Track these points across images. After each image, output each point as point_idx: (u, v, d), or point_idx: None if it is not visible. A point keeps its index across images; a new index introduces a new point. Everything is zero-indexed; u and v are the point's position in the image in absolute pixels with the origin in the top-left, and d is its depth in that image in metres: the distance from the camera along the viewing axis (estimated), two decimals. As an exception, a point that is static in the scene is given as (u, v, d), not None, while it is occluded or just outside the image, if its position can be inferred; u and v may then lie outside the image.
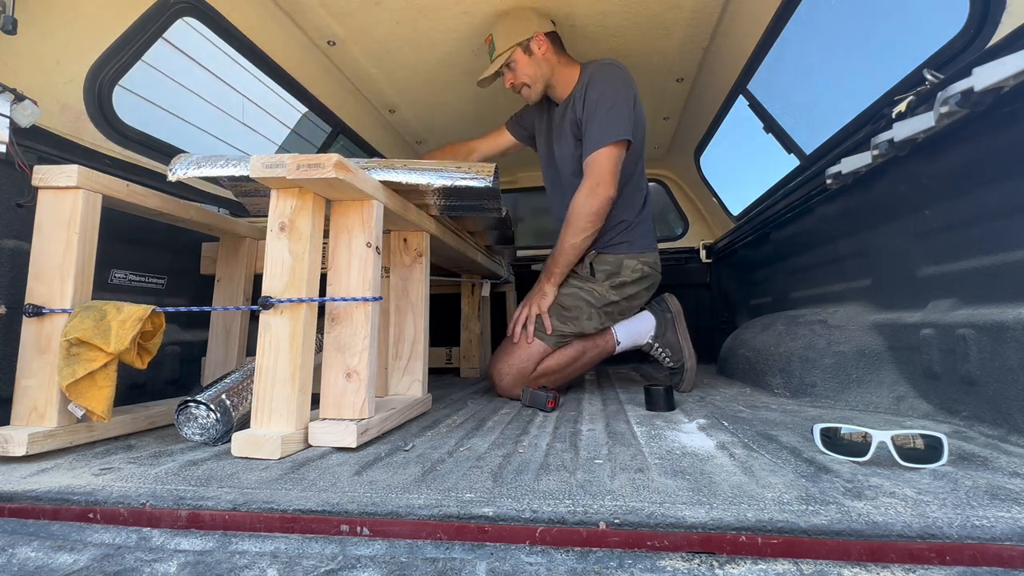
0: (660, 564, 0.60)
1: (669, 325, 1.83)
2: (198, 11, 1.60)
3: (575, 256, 1.72)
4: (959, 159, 1.13)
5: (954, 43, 1.23)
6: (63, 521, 0.75)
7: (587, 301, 1.74)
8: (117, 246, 1.41)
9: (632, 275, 1.79)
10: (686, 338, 1.81)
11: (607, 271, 1.78)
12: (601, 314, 1.76)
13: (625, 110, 1.67)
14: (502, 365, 1.72)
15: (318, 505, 0.72)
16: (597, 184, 1.64)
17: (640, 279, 1.81)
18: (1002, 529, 0.60)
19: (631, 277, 1.78)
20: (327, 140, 2.54)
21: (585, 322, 1.73)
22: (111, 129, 1.49)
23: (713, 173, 2.92)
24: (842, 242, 1.66)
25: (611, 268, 1.78)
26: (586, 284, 1.77)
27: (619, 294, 1.77)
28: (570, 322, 1.72)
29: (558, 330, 1.71)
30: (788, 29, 1.72)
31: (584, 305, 1.73)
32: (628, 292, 1.79)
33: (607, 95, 1.68)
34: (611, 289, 1.77)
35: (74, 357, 1.00)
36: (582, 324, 1.73)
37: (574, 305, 1.73)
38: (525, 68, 1.78)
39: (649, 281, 1.85)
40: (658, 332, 1.83)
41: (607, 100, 1.67)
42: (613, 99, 1.68)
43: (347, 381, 1.10)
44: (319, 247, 1.12)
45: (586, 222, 1.66)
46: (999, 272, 1.04)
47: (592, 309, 1.74)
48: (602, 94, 1.68)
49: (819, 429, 0.91)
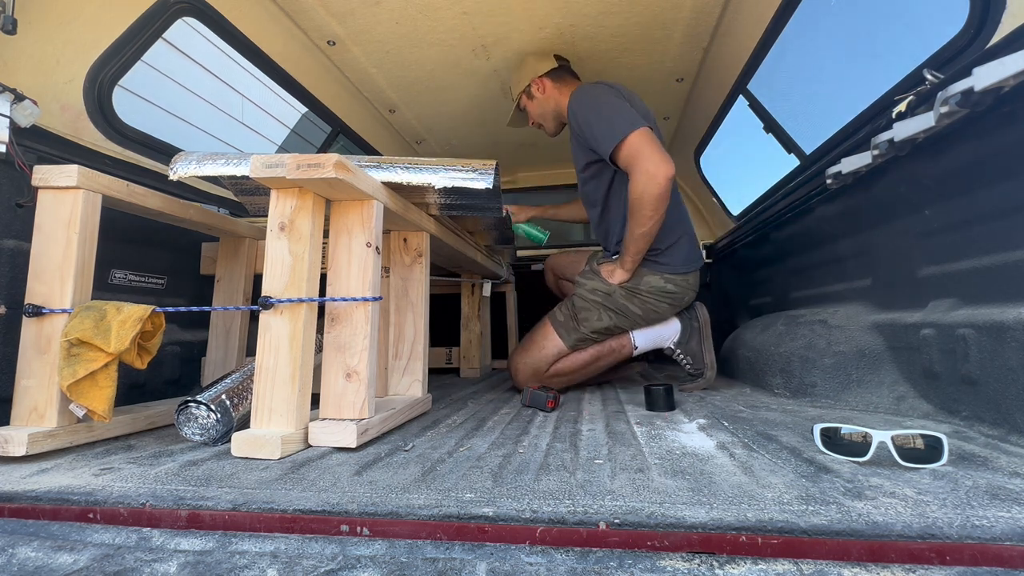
0: (660, 564, 0.60)
1: (695, 334, 1.83)
2: (198, 11, 1.60)
3: (645, 244, 1.69)
4: (959, 159, 1.13)
5: (954, 43, 1.23)
6: (63, 521, 0.75)
7: (594, 301, 1.77)
8: (117, 246, 1.41)
9: (649, 288, 1.76)
10: (710, 350, 1.80)
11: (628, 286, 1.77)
12: (611, 314, 1.77)
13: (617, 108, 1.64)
14: (519, 362, 1.81)
15: (318, 505, 0.72)
16: (647, 167, 1.54)
17: (661, 293, 1.76)
18: (1002, 529, 0.60)
19: (648, 289, 1.76)
20: (327, 140, 2.54)
21: (595, 323, 1.77)
22: (111, 129, 1.49)
23: (713, 173, 2.92)
24: (842, 242, 1.66)
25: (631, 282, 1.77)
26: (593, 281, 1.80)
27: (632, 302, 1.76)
28: (583, 324, 1.77)
29: (573, 332, 1.77)
30: (788, 29, 1.72)
31: (592, 306, 1.77)
32: (650, 304, 1.77)
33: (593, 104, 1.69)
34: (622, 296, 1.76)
35: (74, 357, 1.00)
36: (592, 324, 1.77)
37: (583, 306, 1.78)
38: (533, 111, 1.98)
39: (673, 299, 1.79)
40: (682, 339, 1.83)
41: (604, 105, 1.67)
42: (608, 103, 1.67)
43: (347, 381, 1.10)
44: (319, 247, 1.12)
45: (649, 209, 1.59)
46: (999, 272, 1.04)
47: (600, 309, 1.77)
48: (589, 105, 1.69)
49: (819, 429, 0.91)
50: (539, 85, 1.92)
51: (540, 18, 1.82)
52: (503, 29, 1.87)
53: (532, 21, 1.83)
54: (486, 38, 1.92)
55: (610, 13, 1.80)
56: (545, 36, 1.92)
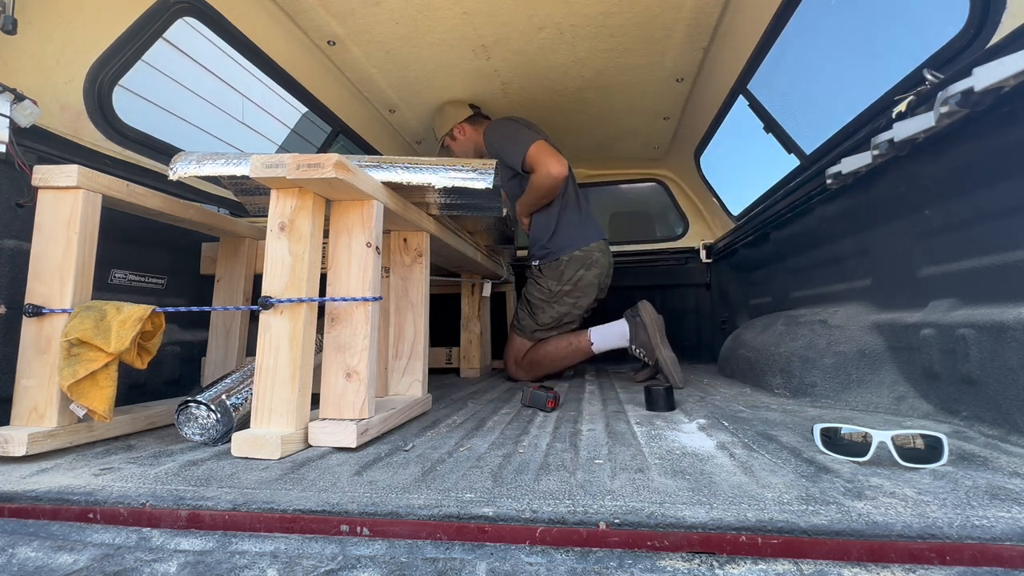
0: (660, 564, 0.60)
1: (640, 328, 2.09)
2: (198, 11, 1.60)
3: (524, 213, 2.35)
4: (959, 159, 1.13)
5: (954, 43, 1.23)
6: (63, 521, 0.75)
7: (542, 298, 2.28)
8: (117, 246, 1.41)
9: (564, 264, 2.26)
10: (655, 335, 2.04)
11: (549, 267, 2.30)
12: (555, 305, 2.27)
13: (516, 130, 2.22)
14: (505, 355, 2.37)
15: (318, 505, 0.72)
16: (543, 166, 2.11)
17: (571, 262, 2.26)
18: (1002, 529, 0.60)
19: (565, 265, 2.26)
20: (327, 140, 2.54)
21: (544, 315, 2.27)
22: (111, 129, 1.49)
23: (713, 173, 2.92)
24: (842, 242, 1.66)
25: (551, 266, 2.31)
26: (537, 282, 2.31)
27: (560, 281, 2.26)
28: (535, 316, 2.28)
29: (527, 326, 2.29)
30: (788, 29, 1.72)
31: (542, 302, 2.28)
32: (567, 276, 2.25)
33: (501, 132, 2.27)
34: (553, 281, 2.26)
35: (75, 357, 1.00)
36: (543, 317, 2.27)
37: (536, 303, 2.29)
38: (456, 149, 2.48)
39: (580, 263, 2.27)
40: (632, 336, 2.12)
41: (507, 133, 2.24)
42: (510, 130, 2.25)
43: (347, 381, 1.10)
44: (319, 247, 1.12)
45: (540, 193, 2.20)
46: (999, 272, 1.04)
47: (546, 303, 2.27)
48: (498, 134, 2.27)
49: (819, 429, 0.91)
50: (460, 129, 2.42)
51: (540, 18, 1.82)
52: (503, 29, 1.87)
53: (532, 21, 1.83)
54: (486, 38, 1.92)
55: (610, 13, 1.80)
56: (545, 36, 1.92)
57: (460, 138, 2.43)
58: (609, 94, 2.38)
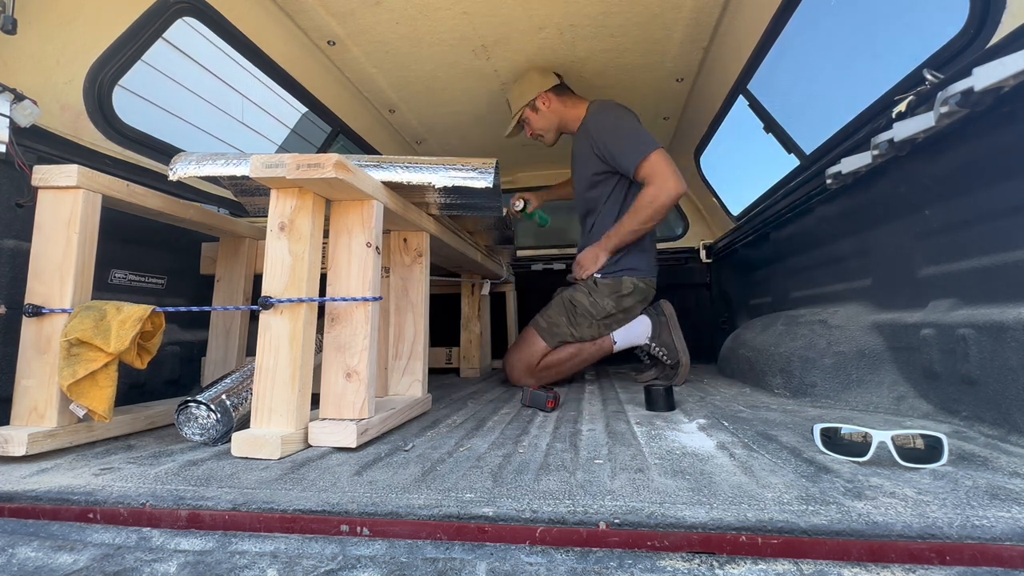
0: (660, 564, 0.60)
1: (663, 327, 2.03)
2: (198, 11, 1.60)
3: (631, 239, 1.97)
4: (959, 159, 1.13)
5: (954, 43, 1.23)
6: (63, 521, 0.75)
7: (591, 313, 1.98)
8: (117, 246, 1.41)
9: (628, 289, 2.00)
10: (679, 338, 2.01)
11: (610, 285, 2.00)
12: (600, 325, 2.00)
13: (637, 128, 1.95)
14: (513, 360, 2.04)
15: (318, 505, 0.72)
16: (665, 181, 1.82)
17: (634, 292, 2.02)
18: (1002, 529, 0.60)
19: (628, 290, 2.00)
20: (327, 140, 2.54)
21: (585, 330, 1.99)
22: (111, 129, 1.49)
23: (713, 173, 2.92)
24: (842, 242, 1.66)
25: (612, 284, 2.01)
26: (592, 295, 1.99)
27: (617, 306, 1.99)
28: (575, 327, 1.99)
29: (560, 333, 1.99)
30: (788, 29, 1.72)
31: (588, 317, 1.99)
32: (625, 304, 2.01)
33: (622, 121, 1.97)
34: (611, 302, 1.98)
35: (74, 357, 1.00)
36: (583, 331, 1.99)
37: (582, 314, 1.99)
38: (536, 123, 2.16)
39: (642, 295, 2.05)
40: (654, 334, 2.04)
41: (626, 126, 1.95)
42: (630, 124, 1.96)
43: (347, 381, 1.10)
44: (319, 247, 1.12)
45: (650, 212, 1.87)
46: (999, 272, 1.04)
47: (593, 320, 1.99)
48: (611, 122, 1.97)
49: (819, 429, 0.91)
50: (545, 100, 2.10)
51: (540, 18, 1.82)
52: (503, 29, 1.87)
53: (532, 21, 1.83)
54: (486, 38, 1.92)
55: (610, 13, 1.80)
56: (545, 36, 1.92)
57: (543, 109, 2.10)
58: (609, 94, 2.38)
